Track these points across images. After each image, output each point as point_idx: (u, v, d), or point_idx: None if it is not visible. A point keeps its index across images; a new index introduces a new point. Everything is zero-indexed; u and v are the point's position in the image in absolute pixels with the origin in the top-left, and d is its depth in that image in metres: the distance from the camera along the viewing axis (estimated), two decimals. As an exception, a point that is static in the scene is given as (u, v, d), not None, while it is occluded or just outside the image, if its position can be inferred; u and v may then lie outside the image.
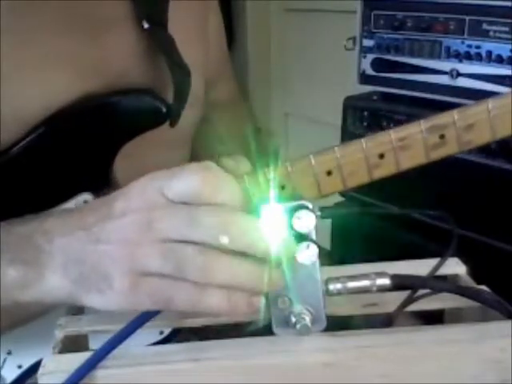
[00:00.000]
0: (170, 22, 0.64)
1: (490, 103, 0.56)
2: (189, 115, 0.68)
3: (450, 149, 0.58)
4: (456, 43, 1.03)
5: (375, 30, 1.15)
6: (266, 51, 1.98)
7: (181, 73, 0.64)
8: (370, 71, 1.17)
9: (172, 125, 0.63)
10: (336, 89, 1.27)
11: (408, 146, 0.57)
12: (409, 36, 1.10)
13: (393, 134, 0.56)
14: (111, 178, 0.63)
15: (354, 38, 1.19)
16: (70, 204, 0.61)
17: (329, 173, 0.57)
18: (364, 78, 1.18)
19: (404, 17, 1.10)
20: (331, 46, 1.44)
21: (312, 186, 0.57)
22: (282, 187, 0.57)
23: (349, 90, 1.22)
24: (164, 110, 0.61)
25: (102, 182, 0.62)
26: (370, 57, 1.17)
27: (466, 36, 1.02)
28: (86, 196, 0.61)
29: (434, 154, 0.57)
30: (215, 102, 0.81)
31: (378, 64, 1.16)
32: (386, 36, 1.14)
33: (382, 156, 0.57)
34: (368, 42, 1.16)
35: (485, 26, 0.99)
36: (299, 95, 1.90)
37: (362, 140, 0.56)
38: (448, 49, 1.05)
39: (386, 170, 0.57)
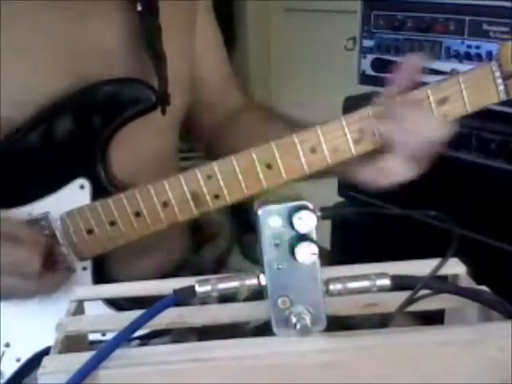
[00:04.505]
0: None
1: (461, 77, 0.57)
2: (177, 102, 0.69)
3: None
4: (456, 43, 1.03)
5: (375, 30, 1.15)
6: (266, 51, 1.98)
7: (159, 61, 0.65)
8: (369, 71, 1.17)
9: (163, 112, 0.65)
10: (336, 89, 1.26)
11: None
12: (409, 36, 1.10)
13: (370, 110, 0.59)
14: (106, 164, 0.64)
15: (354, 38, 1.19)
16: (68, 188, 0.62)
17: (313, 150, 0.59)
18: (364, 78, 1.18)
19: (404, 17, 1.10)
20: (331, 46, 1.44)
21: (298, 162, 0.60)
22: (268, 166, 0.59)
23: (349, 90, 1.21)
24: (154, 97, 0.63)
25: (97, 168, 0.63)
26: (370, 57, 1.17)
27: (466, 36, 1.02)
28: (82, 181, 0.62)
29: None
30: (236, 106, 0.83)
31: (378, 64, 1.16)
32: (385, 36, 1.14)
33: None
34: (368, 43, 1.16)
35: (485, 26, 0.99)
36: (299, 95, 1.90)
37: (342, 118, 0.59)
38: (448, 49, 1.05)
39: (366, 146, 0.60)
